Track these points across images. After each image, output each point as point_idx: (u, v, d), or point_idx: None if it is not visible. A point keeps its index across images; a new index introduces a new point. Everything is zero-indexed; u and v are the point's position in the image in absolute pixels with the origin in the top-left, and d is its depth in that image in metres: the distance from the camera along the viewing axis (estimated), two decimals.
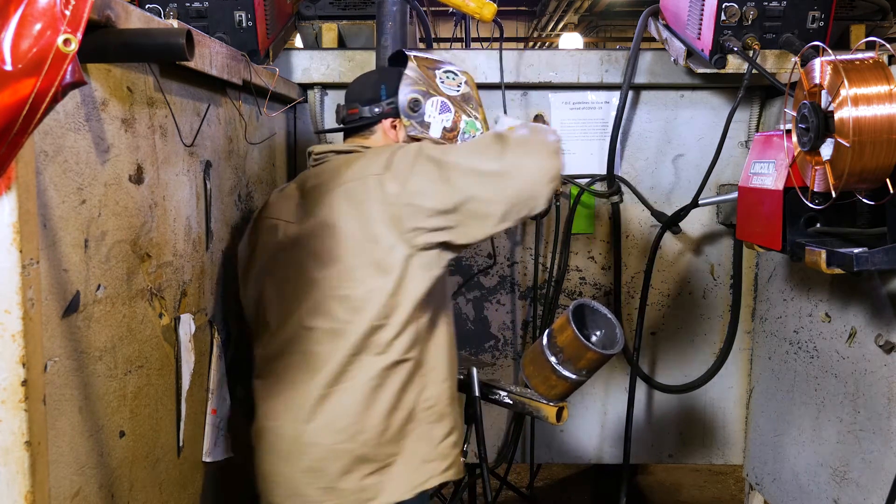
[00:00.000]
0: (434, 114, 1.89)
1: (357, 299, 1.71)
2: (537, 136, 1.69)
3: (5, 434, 0.97)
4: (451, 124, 1.90)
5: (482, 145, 1.69)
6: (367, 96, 1.92)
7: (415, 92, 1.88)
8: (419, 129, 1.89)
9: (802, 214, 1.90)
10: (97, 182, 1.30)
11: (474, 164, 1.65)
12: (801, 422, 2.42)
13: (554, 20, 12.08)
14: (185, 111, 1.69)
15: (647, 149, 2.85)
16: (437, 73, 1.93)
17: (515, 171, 1.64)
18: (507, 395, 2.22)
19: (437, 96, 1.90)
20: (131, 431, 1.46)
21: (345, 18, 2.88)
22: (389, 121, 1.90)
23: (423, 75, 1.90)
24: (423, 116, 1.89)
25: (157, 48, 1.20)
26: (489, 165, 1.64)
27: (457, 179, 1.65)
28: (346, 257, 1.72)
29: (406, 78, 1.89)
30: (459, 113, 1.91)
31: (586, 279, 2.92)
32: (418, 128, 1.89)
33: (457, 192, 1.65)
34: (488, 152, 1.66)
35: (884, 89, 1.51)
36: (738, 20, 2.31)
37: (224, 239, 1.97)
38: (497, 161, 1.64)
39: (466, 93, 1.94)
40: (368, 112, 1.90)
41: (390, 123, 1.91)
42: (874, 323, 2.00)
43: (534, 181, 1.65)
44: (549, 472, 4.27)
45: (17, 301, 0.96)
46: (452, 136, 1.90)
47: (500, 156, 1.65)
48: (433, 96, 1.90)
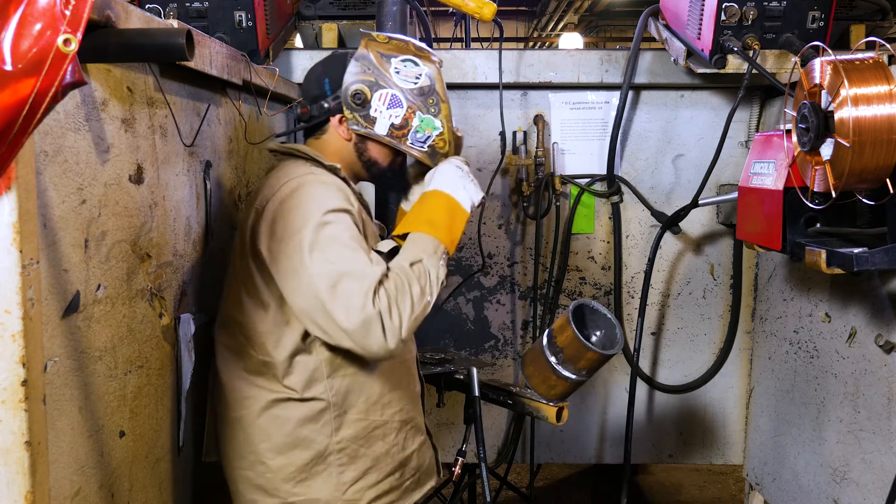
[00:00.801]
0: (382, 108, 1.70)
1: (244, 326, 1.67)
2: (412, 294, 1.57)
3: (5, 434, 0.97)
4: (401, 121, 1.70)
5: (350, 285, 1.52)
6: (313, 93, 1.76)
7: (360, 83, 1.69)
8: (363, 123, 1.71)
9: (802, 214, 1.90)
10: (97, 182, 1.29)
11: (327, 306, 1.53)
12: (801, 422, 2.42)
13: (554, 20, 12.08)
14: (185, 111, 1.69)
15: (647, 149, 2.85)
16: (393, 61, 1.71)
17: (356, 337, 1.53)
18: (507, 395, 2.22)
19: (387, 88, 1.70)
20: (131, 431, 1.46)
21: (345, 18, 2.88)
22: (337, 117, 1.73)
23: (374, 63, 1.70)
24: (368, 110, 1.70)
25: (157, 48, 1.20)
26: (338, 318, 1.52)
27: (307, 300, 1.55)
28: (242, 285, 1.67)
29: (351, 67, 1.70)
30: (413, 109, 1.71)
31: (586, 279, 2.92)
32: (362, 122, 1.71)
33: (301, 304, 1.57)
34: (350, 301, 1.52)
35: (884, 89, 1.51)
36: (738, 20, 2.31)
37: (224, 239, 1.97)
38: (347, 319, 1.52)
39: (426, 86, 1.72)
40: (316, 111, 1.75)
41: (338, 120, 1.74)
42: (874, 323, 2.00)
43: (366, 352, 1.55)
44: (549, 472, 4.27)
45: (17, 301, 0.96)
46: (401, 135, 1.72)
47: (356, 314, 1.51)
48: (382, 88, 1.69)
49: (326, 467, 1.68)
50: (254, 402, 1.68)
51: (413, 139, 1.74)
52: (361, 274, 1.54)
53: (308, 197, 1.60)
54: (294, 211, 1.59)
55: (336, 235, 1.57)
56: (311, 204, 1.59)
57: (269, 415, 1.67)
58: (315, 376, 1.66)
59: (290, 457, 1.67)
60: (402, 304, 1.56)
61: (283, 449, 1.67)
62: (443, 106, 1.74)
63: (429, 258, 1.64)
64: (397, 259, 1.64)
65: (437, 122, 1.73)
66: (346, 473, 1.70)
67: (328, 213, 1.58)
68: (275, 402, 1.67)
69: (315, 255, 1.54)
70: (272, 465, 1.68)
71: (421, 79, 1.72)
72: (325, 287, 1.53)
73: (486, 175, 2.84)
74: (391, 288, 1.56)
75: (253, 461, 1.69)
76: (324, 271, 1.54)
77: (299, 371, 1.66)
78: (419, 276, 1.61)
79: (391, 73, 1.71)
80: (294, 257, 1.56)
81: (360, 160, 1.79)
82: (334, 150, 1.78)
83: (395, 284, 1.57)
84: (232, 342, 1.71)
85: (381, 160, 1.79)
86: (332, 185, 1.66)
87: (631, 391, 2.84)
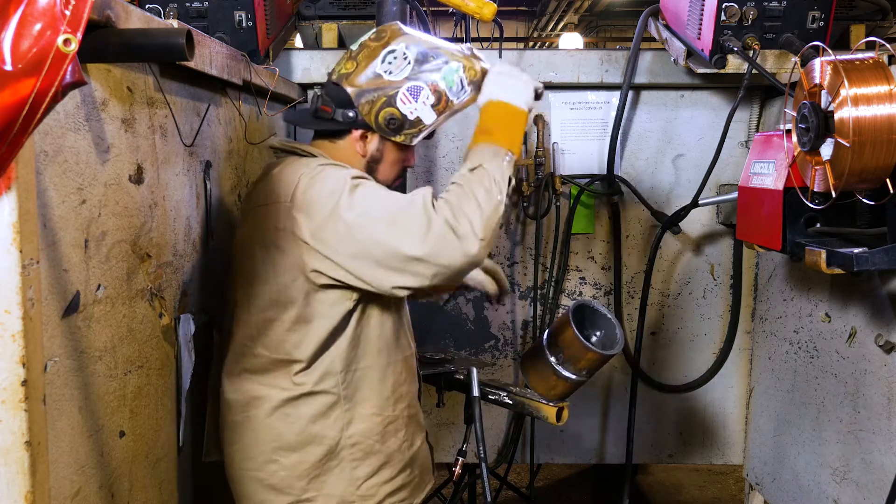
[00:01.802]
0: (414, 106, 1.68)
1: (256, 327, 1.67)
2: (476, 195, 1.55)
3: (5, 434, 0.97)
4: (435, 97, 1.68)
5: (406, 215, 1.53)
6: (343, 98, 1.70)
7: (383, 106, 1.67)
8: (416, 130, 1.71)
9: (802, 214, 1.90)
10: (97, 182, 1.30)
11: (393, 245, 1.53)
12: (801, 422, 2.42)
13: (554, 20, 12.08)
14: (185, 111, 1.69)
15: (647, 149, 2.85)
16: (379, 68, 1.68)
17: (436, 258, 1.52)
18: (507, 395, 2.22)
19: (398, 89, 1.67)
20: (131, 431, 1.46)
21: (345, 18, 2.88)
22: (360, 132, 1.71)
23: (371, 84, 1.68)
24: (407, 119, 1.68)
25: (157, 48, 1.20)
26: (410, 248, 1.51)
27: (373, 254, 1.54)
28: (253, 284, 1.66)
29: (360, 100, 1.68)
30: (429, 80, 1.68)
31: (586, 279, 2.92)
32: (413, 132, 1.71)
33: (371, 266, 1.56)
34: (411, 227, 1.52)
35: (884, 89, 1.51)
36: (738, 20, 2.31)
37: (224, 239, 1.97)
38: (419, 244, 1.51)
39: (417, 57, 1.68)
40: (341, 117, 1.70)
41: (360, 135, 1.72)
42: (874, 323, 2.00)
43: (453, 271, 1.54)
44: (549, 472, 4.27)
45: (17, 301, 0.96)
46: (445, 103, 1.69)
47: (423, 237, 1.51)
48: (396, 94, 1.67)
49: (339, 462, 1.68)
50: (263, 402, 1.67)
51: (457, 96, 1.71)
52: (410, 201, 1.55)
53: (330, 177, 1.60)
54: (323, 191, 1.58)
55: (369, 191, 1.59)
56: (336, 179, 1.59)
57: (279, 413, 1.67)
58: (330, 370, 1.66)
59: (304, 454, 1.66)
60: (467, 207, 1.53)
61: (296, 446, 1.67)
62: (443, 52, 1.70)
63: (489, 161, 1.61)
64: (458, 171, 1.63)
65: (452, 66, 1.69)
66: (360, 469, 1.69)
67: (355, 178, 1.59)
68: (286, 401, 1.66)
69: (358, 212, 1.54)
70: (286, 464, 1.67)
71: (408, 54, 1.68)
72: (382, 231, 1.53)
73: None
74: (451, 197, 1.55)
75: (263, 461, 1.68)
76: (375, 218, 1.54)
77: (316, 367, 1.66)
78: (481, 179, 1.58)
79: (388, 77, 1.68)
80: (339, 226, 1.55)
81: None
82: (343, 159, 1.74)
83: (456, 193, 1.56)
84: (235, 342, 1.71)
85: (384, 182, 1.76)
86: (348, 167, 1.67)
87: (631, 391, 2.84)
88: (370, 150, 1.73)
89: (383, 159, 1.75)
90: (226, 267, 1.85)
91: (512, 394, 2.22)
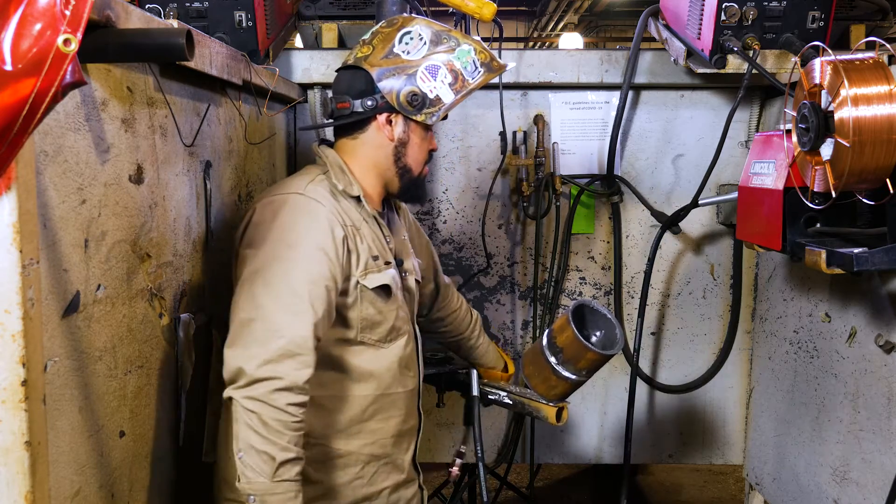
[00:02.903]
0: (433, 84, 1.69)
1: None
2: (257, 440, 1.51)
3: (5, 434, 0.97)
4: (451, 75, 1.70)
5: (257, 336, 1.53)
6: (360, 88, 1.72)
7: (404, 84, 1.69)
8: (435, 109, 1.71)
9: (802, 214, 1.90)
10: (97, 182, 1.30)
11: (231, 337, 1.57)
12: (801, 422, 2.42)
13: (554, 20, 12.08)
14: (185, 111, 1.69)
15: (647, 149, 2.85)
16: (396, 49, 1.71)
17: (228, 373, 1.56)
18: (507, 395, 2.22)
19: (417, 68, 1.69)
20: (131, 431, 1.46)
21: (345, 18, 2.88)
22: (385, 116, 1.73)
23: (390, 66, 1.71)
24: (428, 97, 1.70)
25: (157, 48, 1.20)
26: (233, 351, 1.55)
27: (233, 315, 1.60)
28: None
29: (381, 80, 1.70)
30: (446, 60, 1.70)
31: (586, 279, 2.92)
32: (434, 111, 1.71)
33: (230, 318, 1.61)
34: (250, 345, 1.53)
35: (884, 89, 1.51)
36: (738, 20, 2.31)
37: (224, 239, 1.97)
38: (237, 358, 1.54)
39: (431, 37, 1.71)
40: (361, 106, 1.71)
41: (385, 119, 1.73)
42: (874, 323, 2.00)
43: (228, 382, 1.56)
44: (549, 472, 4.27)
45: (17, 301, 0.96)
46: (461, 82, 1.71)
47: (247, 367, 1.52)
48: (414, 72, 1.69)
49: None
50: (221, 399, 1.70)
51: (471, 76, 1.73)
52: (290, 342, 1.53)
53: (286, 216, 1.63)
54: (269, 226, 1.62)
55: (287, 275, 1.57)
56: (287, 225, 1.61)
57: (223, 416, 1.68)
58: None
59: None
60: (259, 425, 1.50)
61: None
62: (454, 34, 1.74)
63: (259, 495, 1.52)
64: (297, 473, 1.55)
65: (464, 47, 1.72)
66: None
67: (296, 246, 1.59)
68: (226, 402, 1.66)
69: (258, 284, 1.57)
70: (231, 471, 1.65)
71: (423, 35, 1.71)
72: (245, 307, 1.56)
73: (486, 175, 2.84)
74: (284, 424, 1.50)
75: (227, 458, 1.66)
76: (254, 296, 1.56)
77: None
78: (257, 464, 1.51)
79: (406, 56, 1.70)
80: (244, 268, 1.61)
81: (395, 165, 1.77)
82: (370, 153, 1.76)
83: (288, 435, 1.51)
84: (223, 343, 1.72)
85: (415, 167, 1.79)
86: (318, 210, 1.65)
87: (631, 391, 2.84)
88: (397, 132, 1.74)
89: (410, 141, 1.76)
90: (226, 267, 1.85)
91: (512, 394, 2.21)
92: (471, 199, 2.87)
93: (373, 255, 1.72)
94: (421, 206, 1.93)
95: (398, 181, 1.80)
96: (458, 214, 2.88)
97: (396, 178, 1.80)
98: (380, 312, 1.73)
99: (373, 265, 1.71)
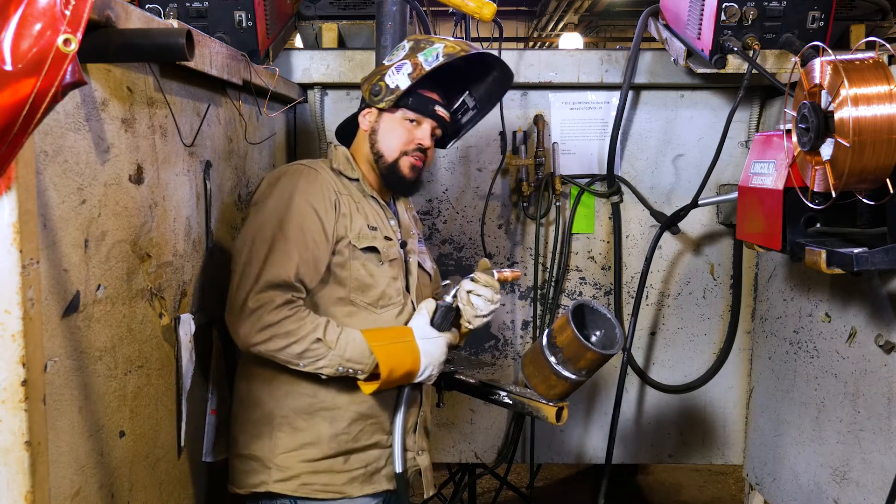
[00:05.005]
0: (394, 75, 1.88)
1: None
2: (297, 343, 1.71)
3: (5, 434, 0.97)
4: (412, 68, 1.86)
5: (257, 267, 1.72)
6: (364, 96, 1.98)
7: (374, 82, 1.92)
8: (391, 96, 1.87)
9: (802, 214, 1.90)
10: (97, 182, 1.30)
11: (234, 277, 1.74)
12: (801, 422, 2.42)
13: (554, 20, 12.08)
14: (185, 111, 1.69)
15: (647, 149, 2.85)
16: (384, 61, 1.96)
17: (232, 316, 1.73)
18: (507, 395, 2.22)
19: (391, 68, 1.90)
20: (131, 431, 1.46)
21: (345, 18, 2.88)
22: (364, 111, 1.95)
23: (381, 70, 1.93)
24: (388, 87, 1.88)
25: (157, 48, 1.20)
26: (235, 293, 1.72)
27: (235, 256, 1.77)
28: None
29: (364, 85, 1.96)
30: (412, 56, 1.88)
31: (586, 279, 2.92)
32: (390, 97, 1.87)
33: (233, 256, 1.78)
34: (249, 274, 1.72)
35: (884, 89, 1.51)
36: (738, 20, 2.31)
37: (224, 239, 1.97)
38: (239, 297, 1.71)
39: (413, 45, 1.91)
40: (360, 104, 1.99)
41: (363, 114, 1.95)
42: (874, 323, 2.00)
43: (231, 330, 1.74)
44: (549, 472, 4.27)
45: (17, 301, 0.96)
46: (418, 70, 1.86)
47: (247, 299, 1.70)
48: (385, 72, 1.90)
49: (271, 430, 1.81)
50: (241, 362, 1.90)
51: (430, 64, 1.85)
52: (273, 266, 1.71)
53: (284, 180, 1.81)
54: (268, 189, 1.80)
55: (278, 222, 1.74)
56: (282, 187, 1.79)
57: (241, 372, 1.88)
58: None
59: (249, 412, 1.83)
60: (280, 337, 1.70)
61: (246, 404, 1.84)
62: (435, 41, 1.90)
63: (337, 359, 1.75)
64: (331, 324, 1.76)
65: (435, 46, 1.88)
66: (282, 440, 1.81)
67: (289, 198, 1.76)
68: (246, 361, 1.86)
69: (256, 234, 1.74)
70: (238, 419, 1.85)
71: (407, 45, 1.93)
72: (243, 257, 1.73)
73: (486, 175, 2.84)
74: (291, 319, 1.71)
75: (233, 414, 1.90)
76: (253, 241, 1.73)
77: None
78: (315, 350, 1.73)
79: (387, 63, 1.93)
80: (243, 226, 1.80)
81: (371, 152, 1.93)
82: (359, 145, 1.97)
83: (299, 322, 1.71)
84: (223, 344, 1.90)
85: (387, 153, 1.92)
86: (315, 174, 1.83)
87: (619, 388, 2.83)
88: (369, 121, 1.94)
89: (380, 129, 1.92)
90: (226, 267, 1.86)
91: (512, 394, 2.21)
92: (471, 199, 2.87)
93: (370, 224, 1.87)
94: (408, 197, 2.05)
95: (378, 167, 1.94)
96: (458, 214, 2.88)
97: (376, 165, 1.93)
98: (371, 275, 1.86)
99: (367, 232, 1.86)
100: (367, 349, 1.75)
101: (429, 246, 2.25)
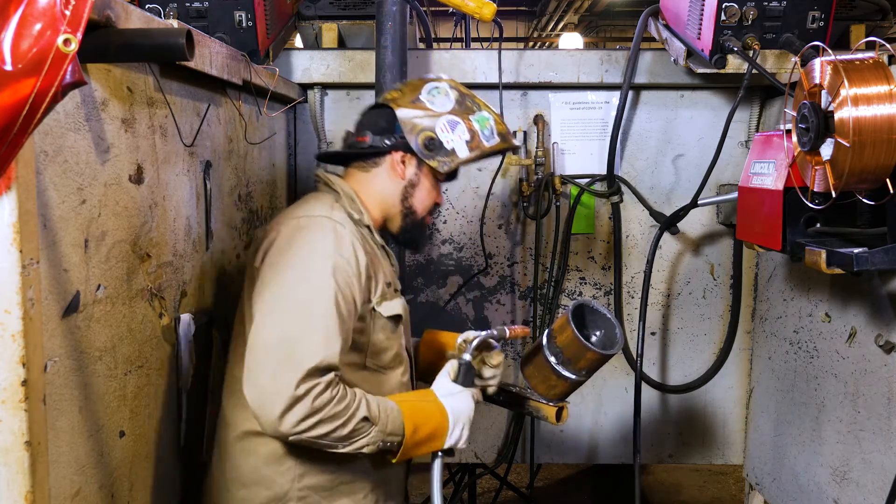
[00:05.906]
0: (451, 136, 1.76)
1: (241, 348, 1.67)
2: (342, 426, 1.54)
3: (5, 434, 0.97)
4: (469, 135, 1.77)
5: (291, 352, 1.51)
6: (381, 126, 1.78)
7: (424, 129, 1.76)
8: (447, 159, 1.76)
9: (802, 214, 1.90)
10: (97, 182, 1.30)
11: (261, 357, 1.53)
12: (801, 422, 2.42)
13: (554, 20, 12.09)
14: (185, 111, 1.69)
15: (647, 149, 2.85)
16: (423, 97, 1.78)
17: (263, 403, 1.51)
18: (507, 395, 2.22)
19: (439, 119, 1.76)
20: (131, 431, 1.46)
21: (345, 18, 2.88)
22: (400, 154, 1.76)
23: (415, 111, 1.77)
24: (443, 146, 1.76)
25: (157, 48, 1.20)
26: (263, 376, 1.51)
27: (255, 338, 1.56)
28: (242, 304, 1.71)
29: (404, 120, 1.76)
30: (466, 119, 1.77)
31: (586, 279, 2.92)
32: (447, 160, 1.76)
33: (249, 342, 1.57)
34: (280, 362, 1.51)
35: (884, 89, 1.51)
36: (738, 20, 2.31)
37: (224, 239, 1.97)
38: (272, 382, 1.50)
39: (458, 97, 1.80)
40: (379, 142, 1.76)
41: (400, 157, 1.76)
42: (874, 323, 2.00)
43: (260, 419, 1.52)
44: (549, 472, 4.27)
45: (17, 301, 0.96)
46: (476, 142, 1.78)
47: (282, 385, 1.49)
48: (437, 122, 1.76)
49: None
50: (231, 429, 1.69)
51: (487, 140, 1.79)
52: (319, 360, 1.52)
53: (313, 239, 1.62)
54: (295, 248, 1.60)
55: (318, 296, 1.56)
56: (314, 250, 1.60)
57: (240, 445, 1.67)
58: None
59: (252, 492, 1.66)
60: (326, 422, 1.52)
61: (248, 483, 1.66)
62: (478, 101, 1.82)
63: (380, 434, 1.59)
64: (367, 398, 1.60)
65: (485, 114, 1.81)
66: None
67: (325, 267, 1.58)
68: (247, 433, 1.65)
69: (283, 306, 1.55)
70: (236, 496, 1.67)
71: (450, 93, 1.79)
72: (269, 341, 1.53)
73: (486, 175, 2.84)
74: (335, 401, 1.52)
75: (221, 487, 1.70)
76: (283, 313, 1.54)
77: None
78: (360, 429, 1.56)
79: (429, 107, 1.77)
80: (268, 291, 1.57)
81: (401, 204, 1.79)
82: (379, 188, 1.78)
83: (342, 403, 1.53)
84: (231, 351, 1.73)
85: (419, 210, 1.81)
86: (344, 233, 1.64)
87: (636, 395, 2.83)
88: (409, 173, 1.78)
89: (420, 184, 1.79)
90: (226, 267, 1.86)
91: (512, 394, 2.21)
92: (471, 199, 2.87)
93: (387, 281, 1.74)
94: (417, 253, 1.93)
95: (400, 220, 1.81)
96: (458, 214, 2.88)
97: (399, 217, 1.81)
98: (387, 339, 1.75)
99: (387, 292, 1.74)
100: (402, 419, 1.63)
101: None
